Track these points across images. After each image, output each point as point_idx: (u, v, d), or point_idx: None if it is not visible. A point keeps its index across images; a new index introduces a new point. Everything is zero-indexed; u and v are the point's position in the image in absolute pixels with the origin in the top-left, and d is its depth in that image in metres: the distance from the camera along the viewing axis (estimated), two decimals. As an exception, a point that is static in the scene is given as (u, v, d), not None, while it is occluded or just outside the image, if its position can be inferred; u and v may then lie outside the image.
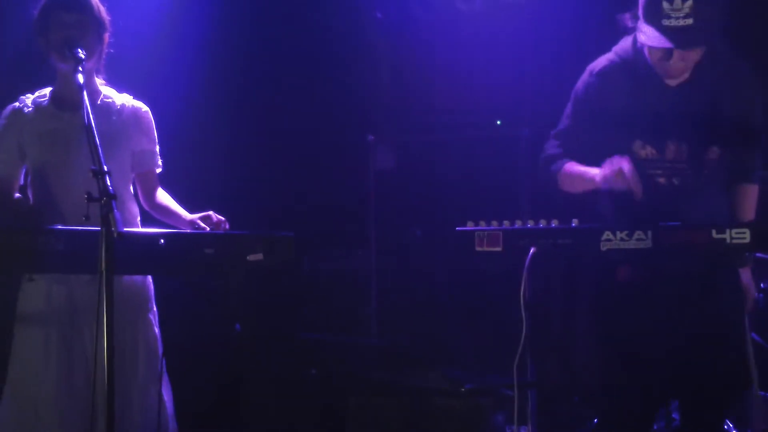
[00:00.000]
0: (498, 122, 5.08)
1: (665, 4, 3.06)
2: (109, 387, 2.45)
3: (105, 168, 2.55)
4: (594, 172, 3.19)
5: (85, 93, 2.81)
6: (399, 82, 5.49)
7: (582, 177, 3.26)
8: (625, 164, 3.08)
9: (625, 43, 3.34)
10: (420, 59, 5.39)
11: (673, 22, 3.06)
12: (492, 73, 5.25)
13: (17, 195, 3.27)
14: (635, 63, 3.26)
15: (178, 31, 4.85)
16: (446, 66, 5.33)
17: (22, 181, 3.28)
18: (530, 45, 5.25)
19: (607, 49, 3.45)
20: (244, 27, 5.17)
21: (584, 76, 3.40)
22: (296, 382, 4.50)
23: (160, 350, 3.25)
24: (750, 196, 3.37)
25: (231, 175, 4.98)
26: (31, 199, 3.25)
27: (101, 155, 2.59)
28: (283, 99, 5.33)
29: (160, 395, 3.20)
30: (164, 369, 3.23)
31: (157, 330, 3.27)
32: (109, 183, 2.52)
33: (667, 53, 3.14)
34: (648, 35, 3.13)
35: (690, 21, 3.05)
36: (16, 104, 3.28)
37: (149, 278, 3.28)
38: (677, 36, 3.08)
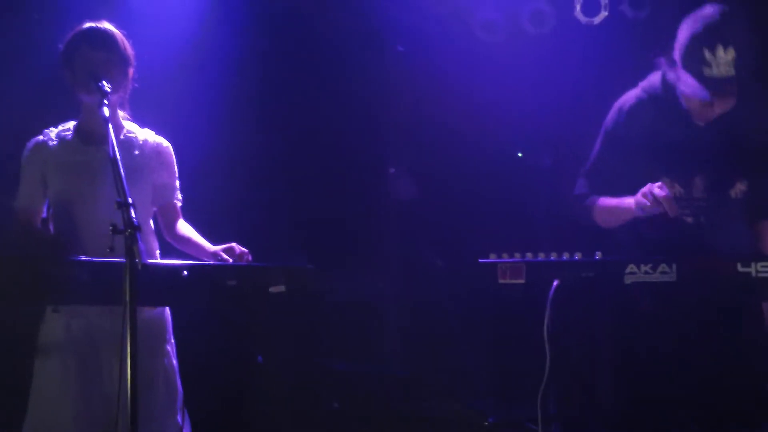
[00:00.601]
0: (519, 154, 5.08)
1: (707, 53, 3.04)
2: (133, 419, 2.45)
3: (130, 200, 2.58)
4: (629, 201, 3.17)
5: (110, 126, 2.84)
6: (420, 112, 5.50)
7: (618, 208, 3.25)
8: (656, 187, 3.06)
9: (653, 79, 3.33)
10: (441, 90, 5.40)
11: (714, 72, 3.04)
12: (513, 104, 5.25)
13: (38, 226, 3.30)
14: (664, 100, 3.25)
15: (199, 63, 4.89)
16: (467, 97, 5.34)
17: (45, 214, 3.31)
18: (552, 76, 5.26)
19: (630, 82, 3.45)
20: (265, 61, 5.21)
21: (612, 114, 3.39)
22: (318, 413, 4.48)
23: (179, 381, 3.25)
24: None
25: (253, 206, 5.00)
26: (52, 231, 3.27)
27: (126, 187, 2.61)
28: (304, 130, 5.36)
29: (178, 426, 3.20)
30: (181, 400, 3.23)
31: (175, 361, 3.28)
32: (133, 215, 2.54)
33: (707, 103, 3.12)
34: (688, 84, 3.11)
35: (731, 71, 3.03)
36: (41, 137, 3.33)
37: (167, 309, 3.29)
38: (718, 87, 3.06)
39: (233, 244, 3.22)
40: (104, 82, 3.04)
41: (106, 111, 2.95)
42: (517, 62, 5.30)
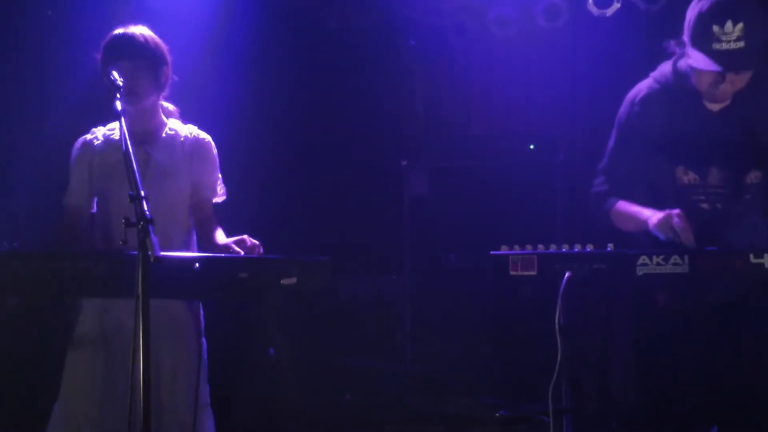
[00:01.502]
0: (531, 147, 5.07)
1: (716, 28, 3.04)
2: (145, 411, 2.46)
3: (142, 193, 2.59)
4: (647, 214, 3.16)
5: (122, 120, 2.86)
6: (433, 107, 5.50)
7: (635, 218, 3.23)
8: (675, 217, 3.04)
9: (664, 69, 3.32)
10: (454, 85, 5.40)
11: (724, 46, 3.04)
12: (526, 98, 5.25)
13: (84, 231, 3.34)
14: (676, 89, 3.24)
15: (215, 61, 4.92)
16: (480, 91, 5.34)
17: (93, 209, 3.36)
18: (564, 70, 5.25)
19: (643, 74, 3.44)
20: (280, 56, 5.23)
21: (625, 106, 3.37)
22: (331, 407, 4.49)
23: (206, 375, 3.28)
24: None
25: (266, 199, 5.01)
26: (95, 226, 3.33)
27: (138, 181, 2.63)
28: (318, 124, 5.37)
29: (201, 421, 3.22)
30: (208, 394, 3.25)
31: (205, 356, 3.30)
32: (146, 208, 2.55)
33: (718, 78, 3.11)
34: (698, 59, 3.10)
35: (741, 44, 3.03)
36: (88, 136, 3.39)
37: (200, 305, 3.31)
38: (728, 59, 3.05)
39: (245, 236, 3.22)
40: (114, 74, 3.05)
41: (118, 105, 2.96)
42: (530, 56, 5.29)
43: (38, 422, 3.26)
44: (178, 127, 3.40)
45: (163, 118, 3.39)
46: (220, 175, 3.45)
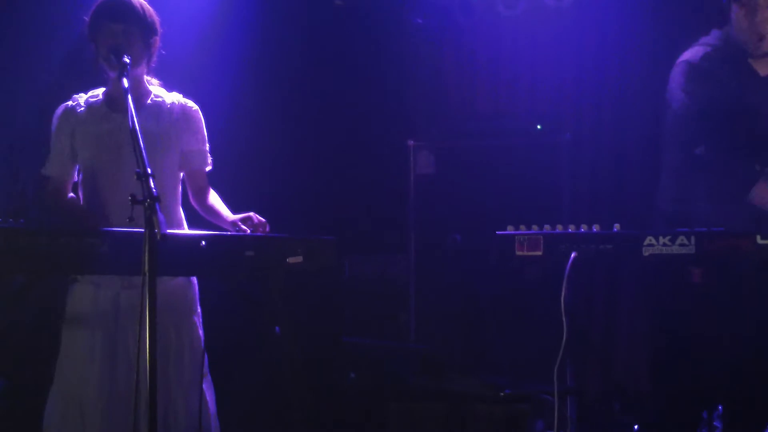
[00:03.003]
0: (539, 127, 5.05)
1: None
2: (151, 388, 2.47)
3: (149, 170, 2.58)
4: None
5: (129, 97, 2.83)
6: (439, 86, 5.48)
7: None
8: None
9: (713, 34, 3.31)
10: (460, 64, 5.38)
11: None
12: (533, 77, 5.23)
13: (71, 195, 3.31)
14: (727, 50, 3.23)
15: (221, 36, 4.90)
16: (487, 71, 5.31)
17: (76, 178, 3.32)
18: (572, 50, 5.22)
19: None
20: (286, 33, 5.21)
21: (679, 72, 3.31)
22: (336, 386, 4.50)
23: (205, 354, 3.27)
24: None
25: (273, 178, 5.01)
26: (81, 198, 3.28)
27: (145, 158, 2.61)
28: (324, 103, 5.35)
29: (202, 396, 3.23)
30: (207, 369, 3.26)
31: (201, 332, 3.30)
32: (153, 185, 2.54)
33: (752, 14, 3.09)
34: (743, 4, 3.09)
35: None
36: (69, 103, 3.31)
37: (194, 280, 3.30)
38: None
39: (251, 214, 3.21)
40: (125, 56, 3.03)
41: (125, 82, 2.94)
42: (537, 34, 5.26)
43: (38, 405, 3.23)
44: (163, 94, 3.34)
45: (148, 86, 3.33)
46: (208, 145, 3.40)
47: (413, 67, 5.42)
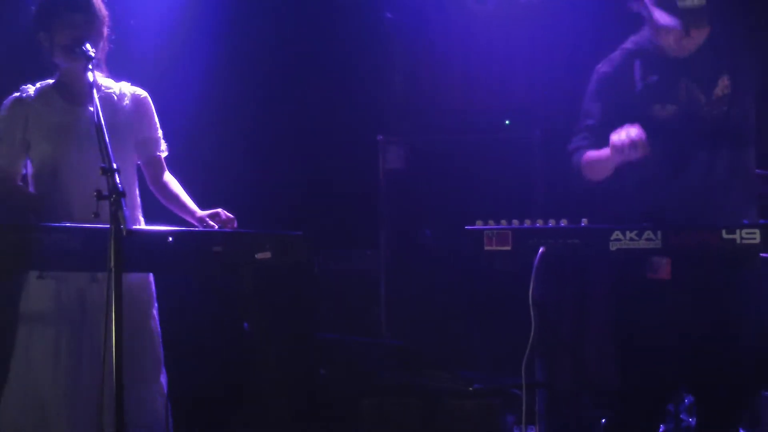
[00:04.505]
0: (507, 122, 5.07)
1: None
2: (118, 384, 2.46)
3: (114, 166, 2.56)
4: (606, 151, 3.18)
5: (95, 92, 2.81)
6: (410, 82, 5.48)
7: (599, 160, 3.26)
8: (633, 130, 3.06)
9: (629, 42, 3.37)
10: (431, 59, 5.39)
11: (687, 3, 3.08)
12: (503, 73, 5.24)
13: (18, 184, 3.26)
14: (644, 47, 3.29)
15: (191, 29, 4.87)
16: (457, 66, 5.32)
17: (25, 171, 3.25)
18: (542, 46, 5.24)
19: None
20: (255, 26, 5.19)
21: (598, 68, 3.41)
22: (306, 382, 4.49)
23: (161, 347, 3.27)
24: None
25: (241, 173, 4.99)
26: (32, 190, 3.23)
27: (111, 153, 2.59)
28: (293, 98, 5.34)
29: (162, 389, 3.22)
30: (163, 365, 3.24)
31: (158, 327, 3.29)
32: (118, 181, 2.53)
33: (683, 32, 3.14)
34: (662, 17, 3.13)
35: (703, 1, 3.07)
36: (18, 94, 3.24)
37: (151, 276, 3.28)
38: (692, 16, 3.09)
39: (219, 210, 3.21)
40: (88, 46, 3.00)
41: (91, 76, 2.91)
42: (508, 30, 5.28)
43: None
44: (111, 84, 3.30)
45: (96, 78, 3.29)
46: (161, 131, 3.38)
47: (384, 62, 5.42)
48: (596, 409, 4.47)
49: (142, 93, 3.35)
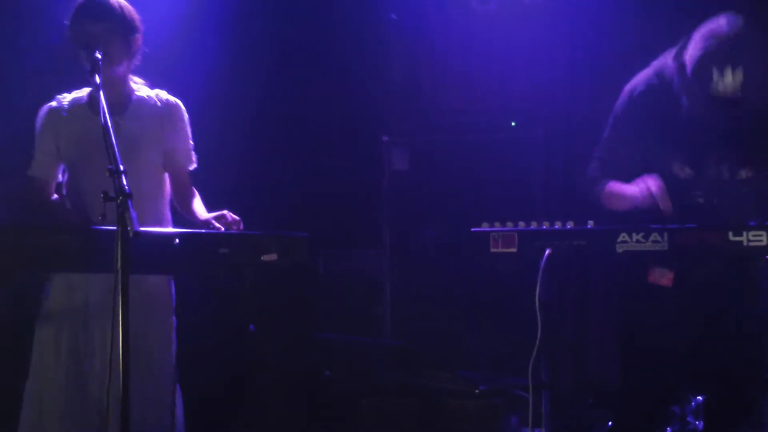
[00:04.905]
0: (513, 123, 5.07)
1: (715, 73, 3.03)
2: (124, 388, 2.45)
3: (121, 167, 2.56)
4: (631, 191, 3.18)
5: (101, 93, 2.82)
6: (413, 82, 5.47)
7: (621, 197, 3.26)
8: (652, 183, 3.06)
9: (666, 61, 3.32)
10: (434, 60, 5.38)
11: (721, 91, 3.04)
12: (507, 73, 5.23)
13: (55, 196, 3.29)
14: (674, 83, 3.25)
15: (192, 30, 4.86)
16: (461, 67, 5.31)
17: (60, 179, 3.31)
18: (545, 46, 5.23)
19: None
20: (256, 27, 5.18)
21: (623, 98, 3.40)
22: (309, 382, 4.49)
23: (175, 354, 3.26)
24: None
25: (246, 174, 4.98)
26: (66, 198, 3.28)
27: (117, 155, 2.60)
28: (297, 99, 5.33)
29: (173, 398, 3.21)
30: (177, 377, 3.24)
31: (174, 334, 3.28)
32: (125, 182, 2.53)
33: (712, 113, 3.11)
34: (696, 97, 3.10)
35: (738, 93, 3.04)
36: (53, 104, 3.31)
37: (171, 282, 3.28)
38: (724, 104, 3.07)
39: (225, 212, 3.21)
40: (97, 52, 3.01)
41: (97, 78, 2.92)
42: (511, 31, 5.27)
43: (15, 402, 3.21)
44: (145, 93, 3.33)
45: (132, 85, 3.32)
46: (192, 142, 3.40)
47: (387, 63, 5.41)
48: (600, 410, 4.47)
49: (177, 102, 3.38)
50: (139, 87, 3.35)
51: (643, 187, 3.09)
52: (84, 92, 3.31)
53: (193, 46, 4.81)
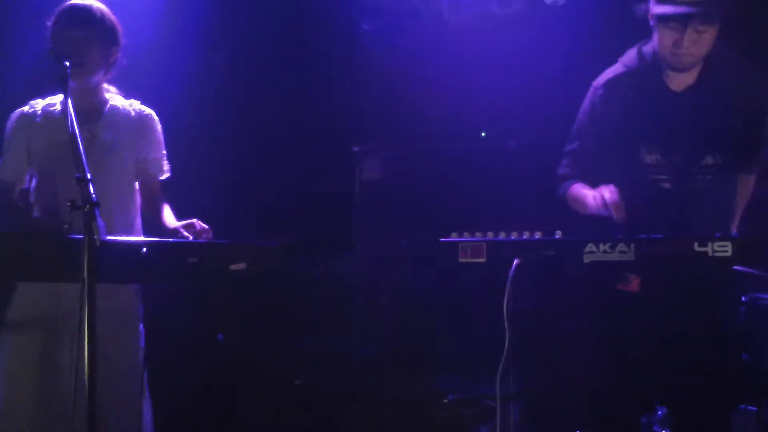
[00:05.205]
0: (483, 134, 5.10)
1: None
2: (90, 398, 2.43)
3: (88, 175, 2.55)
4: (589, 198, 3.21)
5: (69, 101, 2.81)
6: (386, 92, 5.49)
7: (580, 202, 3.29)
8: (607, 193, 3.10)
9: (630, 53, 3.38)
10: (407, 70, 5.40)
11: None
12: (479, 84, 5.26)
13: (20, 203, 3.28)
14: (641, 71, 3.29)
15: (170, 38, 4.85)
16: (433, 77, 5.34)
17: (27, 184, 3.29)
18: (518, 57, 5.27)
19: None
20: (232, 38, 5.18)
21: (591, 91, 3.43)
22: (282, 390, 4.49)
23: (143, 362, 3.25)
24: (746, 187, 3.44)
25: (218, 183, 4.98)
26: (32, 204, 3.26)
27: (85, 163, 2.59)
28: (270, 108, 5.33)
29: (141, 406, 3.19)
30: (147, 387, 3.23)
31: (141, 343, 3.27)
32: (92, 191, 2.52)
33: (679, 38, 3.14)
34: (663, 7, 3.13)
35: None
36: (26, 109, 3.30)
37: (138, 292, 3.27)
38: (690, 11, 3.10)
39: (194, 221, 3.20)
40: (67, 60, 3.00)
41: (65, 86, 2.91)
42: (484, 42, 5.30)
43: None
44: (119, 102, 3.34)
45: (106, 95, 3.32)
46: (165, 152, 3.40)
47: (360, 73, 5.42)
48: (570, 420, 4.49)
49: (151, 112, 3.38)
50: (113, 96, 3.34)
51: (597, 196, 3.12)
52: (57, 99, 3.30)
53: (170, 55, 4.80)
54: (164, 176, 3.39)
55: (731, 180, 3.38)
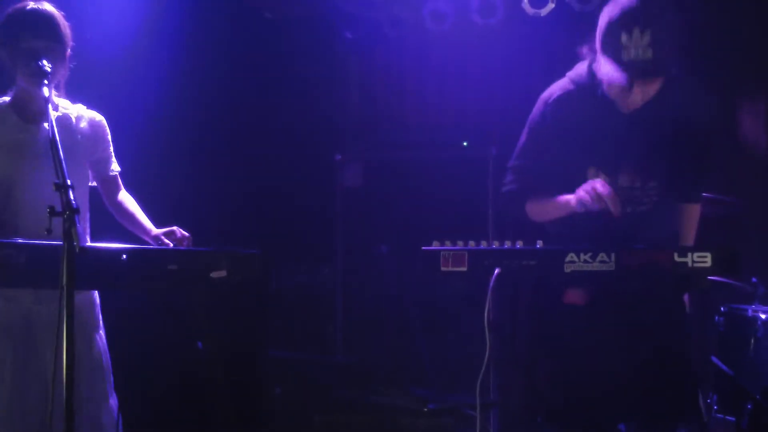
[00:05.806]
0: (465, 143, 5.11)
1: (624, 38, 3.05)
2: (68, 404, 2.42)
3: (68, 182, 2.53)
4: (567, 197, 3.19)
5: (50, 107, 2.79)
6: (367, 101, 5.51)
7: (554, 205, 3.26)
8: (599, 185, 3.09)
9: (580, 69, 3.33)
10: (389, 79, 5.42)
11: (632, 56, 3.05)
12: (460, 93, 5.29)
13: None
14: (590, 89, 3.26)
15: (148, 46, 4.84)
16: (415, 86, 5.36)
17: None
18: (499, 66, 5.30)
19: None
20: (211, 45, 5.17)
21: (538, 106, 3.39)
22: (261, 400, 4.47)
23: (110, 366, 3.24)
24: (691, 216, 3.41)
25: (197, 190, 4.96)
26: None
27: (65, 169, 2.57)
28: (251, 116, 5.33)
29: (112, 410, 3.18)
30: (113, 387, 3.21)
31: (106, 347, 3.26)
32: (72, 197, 2.50)
33: (627, 86, 3.13)
34: (607, 70, 3.12)
35: (649, 54, 3.05)
36: None
37: (96, 294, 3.25)
38: (636, 69, 3.08)
39: (174, 228, 3.19)
40: (44, 62, 2.98)
41: (46, 91, 2.89)
42: (465, 51, 5.33)
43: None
44: (68, 106, 3.31)
45: (54, 99, 3.27)
46: (112, 149, 3.42)
47: (341, 81, 5.44)
48: (549, 428, 4.49)
49: (98, 116, 3.37)
50: (61, 101, 3.31)
51: (589, 189, 3.09)
52: (6, 100, 3.24)
53: (147, 63, 4.79)
54: (118, 170, 3.42)
55: (675, 206, 3.37)
